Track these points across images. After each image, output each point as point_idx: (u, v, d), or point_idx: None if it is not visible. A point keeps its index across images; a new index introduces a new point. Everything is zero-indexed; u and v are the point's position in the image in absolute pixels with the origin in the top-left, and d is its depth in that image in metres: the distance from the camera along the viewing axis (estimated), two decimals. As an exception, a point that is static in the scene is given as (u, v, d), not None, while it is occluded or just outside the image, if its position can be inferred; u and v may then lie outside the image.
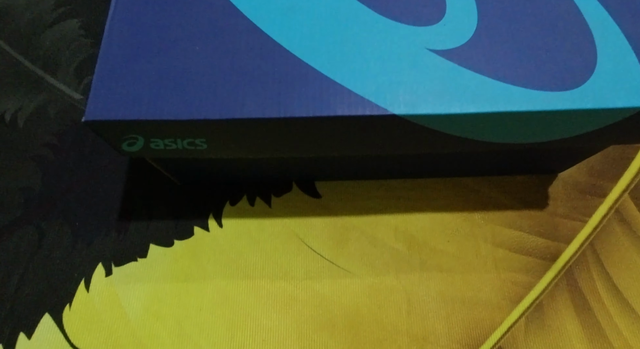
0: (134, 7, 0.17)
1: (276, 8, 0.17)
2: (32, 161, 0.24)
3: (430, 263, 0.22)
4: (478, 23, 0.17)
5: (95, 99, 0.15)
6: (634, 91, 0.15)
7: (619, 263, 0.22)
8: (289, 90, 0.15)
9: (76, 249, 0.22)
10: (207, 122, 0.15)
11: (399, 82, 0.15)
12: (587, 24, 0.16)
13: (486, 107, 0.15)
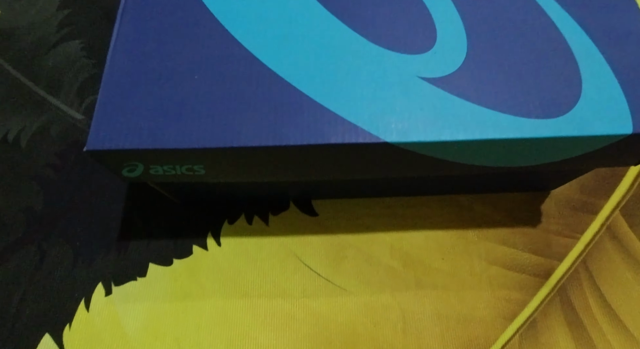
0: (135, 38, 0.17)
1: (272, 36, 0.17)
2: (34, 181, 0.25)
3: (425, 280, 0.23)
4: (467, 51, 0.17)
5: (97, 128, 0.15)
6: (617, 118, 0.15)
7: (611, 280, 0.22)
8: (284, 118, 0.16)
9: (77, 269, 0.22)
10: (204, 150, 0.15)
11: (391, 110, 0.16)
12: (572, 53, 0.17)
13: (476, 134, 0.15)
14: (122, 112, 0.16)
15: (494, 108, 0.16)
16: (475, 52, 0.17)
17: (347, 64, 0.17)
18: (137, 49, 0.17)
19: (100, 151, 0.15)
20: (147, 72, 0.16)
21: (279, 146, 0.15)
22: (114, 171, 0.17)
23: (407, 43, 0.17)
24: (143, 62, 0.17)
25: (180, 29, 0.17)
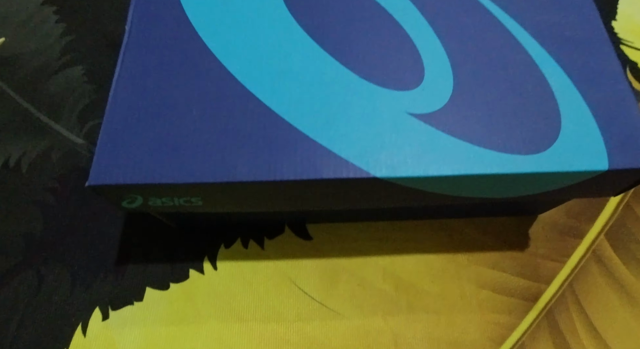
0: (137, 74, 0.18)
1: (267, 72, 0.18)
2: (34, 205, 0.25)
3: (417, 304, 0.23)
4: (454, 88, 0.18)
5: (99, 164, 0.16)
6: (594, 155, 0.16)
7: (597, 304, 0.23)
8: (279, 153, 0.16)
9: (74, 294, 0.23)
10: (202, 185, 0.16)
11: (381, 146, 0.17)
12: (552, 91, 0.18)
13: (461, 170, 0.16)
14: (123, 147, 0.16)
15: (479, 144, 0.17)
16: (461, 88, 0.18)
17: (339, 99, 0.18)
18: (139, 85, 0.18)
19: (101, 185, 0.16)
20: (148, 108, 0.17)
21: (273, 181, 0.16)
22: (114, 203, 0.17)
23: (397, 79, 0.18)
24: (144, 98, 0.17)
25: (180, 65, 0.18)
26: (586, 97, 0.17)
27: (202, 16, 0.20)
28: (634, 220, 0.25)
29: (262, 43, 0.19)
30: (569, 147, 0.16)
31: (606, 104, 0.17)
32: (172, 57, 0.18)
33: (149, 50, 0.18)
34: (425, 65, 0.19)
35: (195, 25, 0.19)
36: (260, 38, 0.19)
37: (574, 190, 0.18)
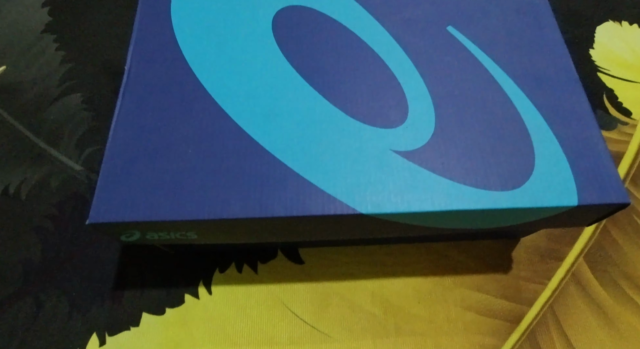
0: (136, 114, 0.19)
1: (260, 112, 0.19)
2: (33, 232, 0.26)
3: (405, 327, 0.24)
4: (435, 126, 0.19)
5: (98, 202, 0.17)
6: (565, 191, 0.17)
7: (576, 325, 0.24)
8: (270, 191, 0.17)
9: (72, 320, 0.23)
10: (196, 221, 0.17)
11: (367, 183, 0.18)
12: (527, 129, 0.19)
13: (441, 206, 0.17)
14: (122, 186, 0.17)
15: (458, 181, 0.18)
16: (443, 126, 0.19)
17: (328, 137, 0.19)
18: (138, 125, 0.18)
19: (101, 223, 0.16)
20: (146, 147, 0.18)
21: (264, 217, 0.17)
22: (112, 237, 0.18)
23: (382, 117, 0.19)
24: (143, 138, 0.18)
25: (177, 105, 0.19)
26: (558, 135, 0.18)
27: (198, 56, 0.21)
28: (611, 243, 0.26)
29: (255, 82, 0.20)
30: (542, 184, 0.17)
31: (576, 141, 0.18)
32: (169, 97, 0.19)
33: (147, 90, 0.19)
34: (409, 104, 0.20)
35: (192, 65, 0.20)
36: (253, 78, 0.20)
37: (548, 221, 0.19)
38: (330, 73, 0.20)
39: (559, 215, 0.18)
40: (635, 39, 0.34)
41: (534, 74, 0.20)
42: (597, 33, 0.35)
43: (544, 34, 0.21)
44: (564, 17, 0.36)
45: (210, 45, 0.21)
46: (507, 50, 0.21)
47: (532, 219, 0.18)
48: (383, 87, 0.20)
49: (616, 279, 0.25)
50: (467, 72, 0.20)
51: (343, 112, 0.19)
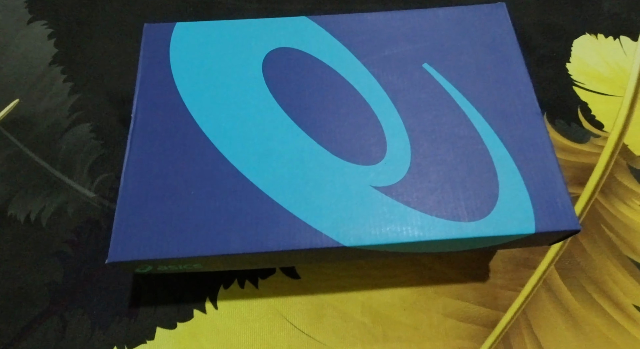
0: (143, 161, 0.21)
1: (254, 153, 0.21)
2: (55, 256, 0.28)
3: (391, 334, 0.26)
4: (411, 162, 0.21)
5: (115, 244, 0.19)
6: (524, 220, 0.19)
7: (546, 328, 0.26)
8: (263, 227, 0.19)
9: (94, 336, 0.26)
10: (201, 257, 0.19)
11: (349, 218, 0.20)
12: (493, 163, 0.21)
13: (415, 237, 0.19)
14: (134, 228, 0.19)
15: (430, 213, 0.20)
16: (417, 162, 0.21)
17: (314, 176, 0.21)
18: (145, 171, 0.20)
19: (119, 262, 0.19)
20: (154, 191, 0.20)
21: (259, 252, 0.19)
22: (128, 271, 0.20)
23: (363, 155, 0.21)
24: (150, 183, 0.20)
25: (179, 150, 0.21)
26: (520, 167, 0.20)
27: (196, 102, 0.22)
28: (581, 251, 0.28)
29: (248, 125, 0.22)
30: (504, 214, 0.19)
31: (536, 173, 0.20)
32: (172, 142, 0.21)
33: (152, 137, 0.21)
34: (387, 141, 0.22)
35: (191, 111, 0.22)
36: (246, 121, 0.22)
37: (511, 244, 0.21)
38: (315, 113, 0.22)
39: (520, 240, 0.20)
40: (609, 51, 0.35)
41: (501, 109, 0.22)
42: (574, 47, 0.36)
43: (511, 71, 0.23)
44: (542, 31, 0.37)
45: (207, 91, 0.23)
46: (478, 86, 0.23)
47: (497, 244, 0.20)
48: (364, 126, 0.22)
49: (583, 285, 0.27)
50: (441, 108, 0.22)
51: (328, 151, 0.21)
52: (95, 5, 0.38)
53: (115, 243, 0.19)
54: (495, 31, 0.24)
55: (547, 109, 0.33)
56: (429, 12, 0.25)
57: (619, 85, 0.34)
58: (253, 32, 0.25)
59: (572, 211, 0.19)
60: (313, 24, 0.25)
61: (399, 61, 0.24)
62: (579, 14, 0.37)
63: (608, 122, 0.33)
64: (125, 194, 0.20)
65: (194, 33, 0.25)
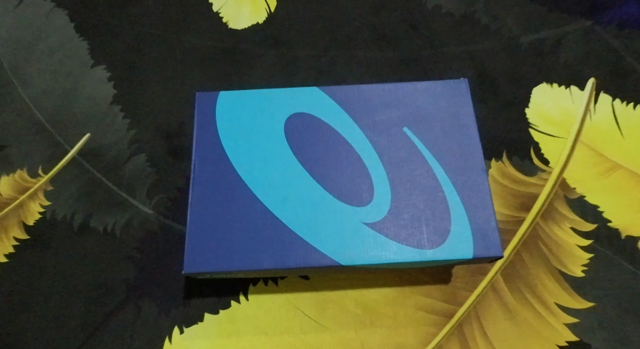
0: (201, 202, 0.29)
1: (278, 196, 0.29)
2: (127, 259, 0.36)
3: (377, 322, 0.34)
4: (391, 205, 0.29)
5: (188, 259, 0.27)
6: (466, 247, 0.27)
7: (489, 319, 0.34)
8: (287, 251, 0.27)
9: (160, 318, 0.34)
10: (246, 271, 0.27)
11: (346, 245, 0.27)
12: (448, 205, 0.28)
13: (391, 259, 0.27)
14: (201, 250, 0.27)
15: (402, 243, 0.27)
16: (395, 205, 0.29)
17: (321, 213, 0.28)
18: (203, 207, 0.28)
19: (191, 272, 0.27)
20: (212, 223, 0.28)
21: (283, 268, 0.27)
22: (192, 277, 0.28)
23: (357, 199, 0.29)
24: (207, 216, 0.28)
25: (226, 193, 0.29)
26: (467, 211, 0.28)
27: (237, 156, 0.30)
28: (521, 262, 0.36)
29: (275, 174, 0.30)
30: (453, 244, 0.27)
31: (477, 215, 0.28)
32: (221, 186, 0.29)
33: (207, 181, 0.29)
34: (375, 188, 0.29)
35: (234, 163, 0.30)
36: (273, 171, 0.30)
37: (458, 263, 0.29)
38: (322, 166, 0.30)
39: (463, 261, 0.28)
40: (561, 99, 0.42)
41: (457, 166, 0.30)
42: (533, 94, 0.43)
43: (467, 134, 0.30)
44: (508, 79, 0.44)
45: (244, 146, 0.30)
46: (442, 147, 0.30)
47: (447, 264, 0.28)
48: (358, 176, 0.30)
49: (520, 288, 0.35)
50: (414, 164, 0.30)
51: (331, 195, 0.29)
52: (143, 51, 0.45)
53: (187, 259, 0.27)
54: (458, 102, 0.32)
55: (507, 147, 0.41)
56: (410, 85, 0.32)
57: (565, 129, 0.41)
58: (277, 99, 0.32)
59: (498, 243, 0.27)
60: (322, 94, 0.32)
61: (386, 125, 0.31)
62: (539, 65, 0.44)
63: (553, 159, 0.40)
64: (192, 224, 0.28)
65: (233, 100, 0.32)
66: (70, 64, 0.44)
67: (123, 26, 0.46)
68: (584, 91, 0.42)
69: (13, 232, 0.37)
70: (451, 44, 0.45)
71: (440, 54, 0.45)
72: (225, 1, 0.48)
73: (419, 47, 0.45)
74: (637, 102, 0.41)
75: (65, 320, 0.34)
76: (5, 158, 0.39)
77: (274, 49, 0.46)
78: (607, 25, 0.45)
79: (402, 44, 0.45)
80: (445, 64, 0.44)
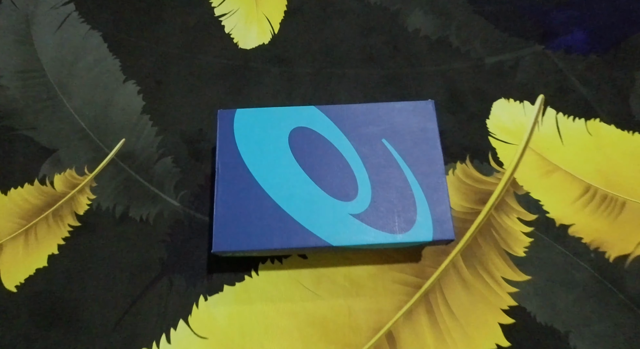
0: (224, 196, 0.36)
1: (285, 194, 0.37)
2: (160, 242, 0.44)
3: (361, 292, 0.43)
4: (371, 200, 0.37)
5: (216, 239, 0.35)
6: (427, 233, 0.35)
7: (450, 289, 0.43)
8: (291, 236, 0.35)
9: (189, 289, 0.42)
10: (261, 250, 0.35)
11: (337, 231, 0.35)
12: (415, 200, 0.36)
13: (370, 241, 0.35)
14: (227, 233, 0.35)
15: (379, 229, 0.35)
16: (374, 201, 0.36)
17: (318, 207, 0.36)
18: (225, 199, 0.36)
19: (219, 251, 0.34)
20: (234, 212, 0.36)
21: (288, 248, 0.35)
22: (217, 256, 0.36)
23: (345, 195, 0.37)
24: (230, 207, 0.36)
25: (245, 190, 0.37)
26: (430, 205, 0.36)
27: (252, 161, 0.38)
28: (477, 245, 0.45)
29: (281, 176, 0.37)
30: (418, 230, 0.35)
31: (437, 208, 0.36)
32: (241, 186, 0.37)
33: (229, 181, 0.37)
34: (359, 188, 0.37)
35: (249, 167, 0.37)
36: (280, 174, 0.37)
37: (423, 245, 0.37)
38: (319, 169, 0.38)
39: (426, 244, 0.36)
40: (515, 112, 0.50)
41: (422, 170, 0.37)
42: (493, 107, 0.51)
43: (431, 145, 0.38)
44: (473, 94, 0.51)
45: (257, 153, 0.38)
46: (412, 155, 0.38)
47: (414, 246, 0.36)
48: (346, 178, 0.37)
49: (475, 265, 0.44)
50: (391, 169, 0.38)
51: (326, 193, 0.37)
52: (167, 68, 0.52)
53: (216, 239, 0.35)
54: (425, 119, 0.39)
55: (470, 152, 0.49)
56: (388, 105, 0.40)
57: (517, 137, 0.49)
58: (282, 116, 0.39)
59: (452, 230, 0.35)
60: (319, 112, 0.40)
61: (368, 137, 0.39)
62: (499, 83, 0.52)
63: (506, 162, 0.48)
64: (217, 215, 0.35)
65: (247, 116, 0.39)
66: (106, 79, 0.51)
67: (149, 46, 0.52)
68: (534, 105, 0.50)
69: (67, 221, 0.44)
70: (427, 64, 0.53)
71: (418, 73, 0.52)
72: (235, 24, 0.55)
73: (400, 66, 0.53)
74: (576, 115, 0.49)
75: (112, 291, 0.42)
76: (57, 159, 0.47)
77: (278, 66, 0.53)
78: (556, 50, 0.52)
79: (386, 63, 0.53)
80: (422, 81, 0.52)
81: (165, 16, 0.54)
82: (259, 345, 0.40)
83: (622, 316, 0.41)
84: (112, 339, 0.40)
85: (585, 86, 0.51)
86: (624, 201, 0.46)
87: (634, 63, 0.51)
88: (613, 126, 0.49)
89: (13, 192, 0.45)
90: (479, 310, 0.42)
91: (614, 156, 0.47)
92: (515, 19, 0.54)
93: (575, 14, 0.53)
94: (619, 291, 0.42)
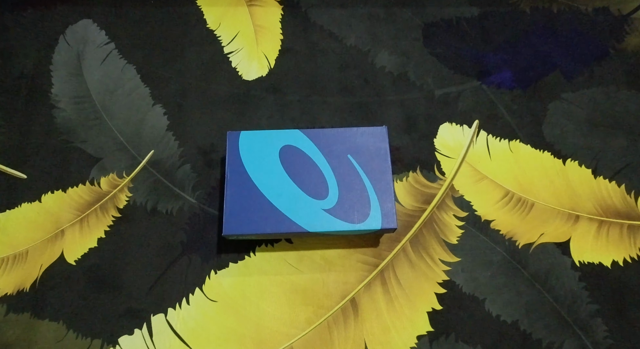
0: (232, 193, 0.48)
1: (276, 194, 0.48)
2: (181, 230, 0.55)
3: (333, 269, 0.54)
4: (337, 199, 0.48)
5: (226, 225, 0.46)
6: (377, 222, 0.47)
7: (400, 268, 0.54)
8: (280, 224, 0.47)
9: (203, 265, 0.54)
10: (262, 234, 0.47)
11: (313, 221, 0.47)
12: (369, 197, 0.48)
13: (337, 228, 0.47)
14: (235, 219, 0.47)
15: (344, 220, 0.47)
16: (341, 200, 0.48)
17: (300, 204, 0.48)
18: (233, 197, 0.48)
19: (228, 234, 0.46)
20: (239, 205, 0.47)
21: (278, 232, 0.46)
22: (226, 238, 0.48)
23: (319, 195, 0.49)
24: (237, 202, 0.48)
25: (246, 192, 0.48)
26: (379, 202, 0.48)
27: (252, 170, 0.49)
28: (422, 235, 0.56)
29: (273, 181, 0.49)
30: (371, 220, 0.47)
31: (385, 204, 0.48)
32: (242, 189, 0.48)
33: (235, 184, 0.48)
34: (329, 190, 0.49)
35: (250, 174, 0.49)
36: (273, 179, 0.49)
37: (376, 232, 0.49)
38: (301, 176, 0.49)
39: (377, 231, 0.48)
40: (456, 133, 0.62)
41: (376, 177, 0.49)
42: (439, 129, 0.63)
43: (382, 161, 0.50)
44: (424, 119, 0.63)
45: (256, 165, 0.50)
46: (369, 167, 0.50)
47: (369, 233, 0.48)
48: (320, 184, 0.49)
49: (419, 250, 0.55)
50: (352, 176, 0.50)
51: (306, 194, 0.49)
52: (186, 95, 0.64)
53: (226, 224, 0.46)
54: (380, 140, 0.51)
55: (420, 164, 0.61)
56: (352, 130, 0.52)
57: (457, 153, 0.61)
58: (275, 136, 0.51)
59: (395, 221, 0.47)
60: (302, 134, 0.52)
61: (338, 154, 0.51)
62: (445, 110, 0.64)
63: (447, 172, 0.60)
64: (227, 210, 0.47)
65: (250, 136, 0.51)
66: (139, 103, 0.62)
67: (173, 77, 0.64)
68: (471, 128, 0.63)
69: (111, 212, 0.56)
70: (390, 94, 0.65)
71: (383, 101, 0.64)
72: (240, 60, 0.67)
73: (369, 95, 0.65)
74: (502, 137, 0.62)
75: (145, 265, 0.53)
76: (102, 166, 0.58)
77: (273, 94, 0.65)
78: (489, 85, 0.65)
79: (358, 93, 0.65)
80: (385, 107, 0.64)
81: (185, 54, 0.66)
82: (256, 306, 0.52)
83: (525, 288, 0.53)
84: (146, 301, 0.52)
85: (510, 114, 0.63)
86: (533, 202, 0.58)
87: (548, 97, 0.64)
88: (529, 145, 0.61)
89: (70, 190, 0.57)
90: (421, 283, 0.54)
91: (528, 169, 0.60)
92: (459, 60, 0.67)
93: (505, 57, 0.65)
94: (523, 269, 0.54)
